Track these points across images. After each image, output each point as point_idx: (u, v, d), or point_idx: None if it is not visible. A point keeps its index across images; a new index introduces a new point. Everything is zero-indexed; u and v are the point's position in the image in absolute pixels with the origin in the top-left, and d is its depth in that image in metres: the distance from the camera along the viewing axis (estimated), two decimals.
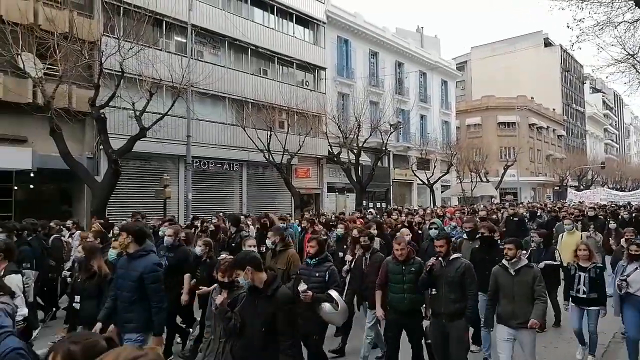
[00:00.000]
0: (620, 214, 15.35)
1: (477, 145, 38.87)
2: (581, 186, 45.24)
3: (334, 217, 13.96)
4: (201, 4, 20.00)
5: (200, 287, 5.47)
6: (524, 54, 55.68)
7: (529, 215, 15.82)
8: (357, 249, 6.44)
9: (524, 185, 45.05)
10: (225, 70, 20.88)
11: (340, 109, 25.71)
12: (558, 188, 48.56)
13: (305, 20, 25.77)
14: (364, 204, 23.25)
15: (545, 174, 50.24)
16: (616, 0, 13.18)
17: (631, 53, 14.76)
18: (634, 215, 14.91)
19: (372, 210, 17.33)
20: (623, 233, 8.36)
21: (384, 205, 28.95)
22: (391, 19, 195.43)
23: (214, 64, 20.19)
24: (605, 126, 78.56)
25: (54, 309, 8.27)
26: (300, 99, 21.56)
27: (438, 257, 5.02)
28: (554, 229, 10.91)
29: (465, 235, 7.58)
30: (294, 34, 25.12)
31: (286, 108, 21.44)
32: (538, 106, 52.48)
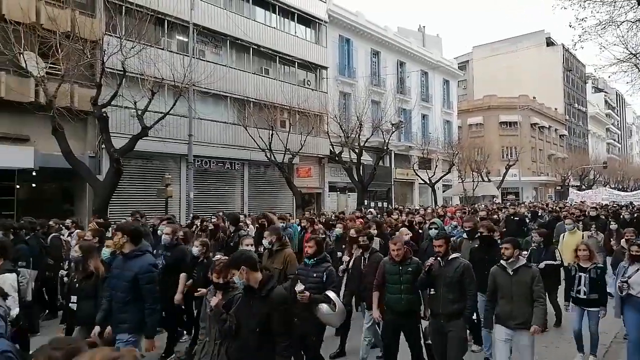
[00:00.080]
0: (622, 214, 15.29)
1: (479, 144, 38.78)
2: (583, 186, 45.07)
3: (334, 217, 13.92)
4: (203, 3, 20.00)
5: (197, 289, 5.42)
6: (526, 53, 55.45)
7: (530, 215, 15.79)
8: (355, 249, 6.40)
9: (526, 185, 44.93)
10: (227, 69, 20.90)
11: (342, 108, 25.64)
12: (560, 188, 48.36)
13: (307, 20, 25.74)
14: (366, 204, 23.21)
15: (547, 174, 50.09)
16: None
17: (634, 52, 14.70)
18: (635, 215, 14.87)
19: (372, 209, 17.29)
20: (623, 233, 8.28)
21: (386, 204, 28.89)
22: (393, 18, 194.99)
23: (215, 63, 20.18)
24: (608, 126, 78.26)
25: (47, 310, 8.28)
26: (302, 98, 21.50)
27: (437, 257, 4.99)
28: (554, 229, 10.87)
29: (465, 235, 7.56)
30: (295, 33, 25.07)
31: (288, 107, 21.39)
32: (540, 106, 52.32)
